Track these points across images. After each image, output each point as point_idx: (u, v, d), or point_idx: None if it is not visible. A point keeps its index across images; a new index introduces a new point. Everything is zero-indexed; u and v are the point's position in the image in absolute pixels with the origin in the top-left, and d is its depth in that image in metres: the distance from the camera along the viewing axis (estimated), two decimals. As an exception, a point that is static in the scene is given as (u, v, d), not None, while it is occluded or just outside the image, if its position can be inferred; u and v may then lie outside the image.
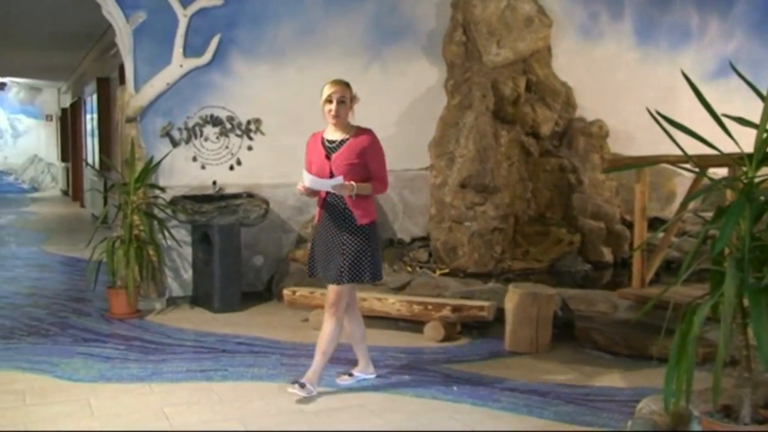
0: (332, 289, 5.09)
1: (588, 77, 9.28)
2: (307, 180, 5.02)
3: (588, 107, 9.19)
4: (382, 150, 5.18)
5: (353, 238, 5.04)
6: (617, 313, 6.41)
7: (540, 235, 8.69)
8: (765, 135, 3.67)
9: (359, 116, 8.41)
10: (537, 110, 8.81)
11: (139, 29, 7.79)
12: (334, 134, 5.12)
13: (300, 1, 8.37)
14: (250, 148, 8.25)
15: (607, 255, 8.70)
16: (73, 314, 7.55)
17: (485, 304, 6.45)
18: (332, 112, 5.02)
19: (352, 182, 4.96)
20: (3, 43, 15.14)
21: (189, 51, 7.94)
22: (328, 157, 5.05)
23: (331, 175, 4.98)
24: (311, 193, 5.12)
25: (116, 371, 5.67)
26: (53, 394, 5.18)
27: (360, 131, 5.13)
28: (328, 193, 5.06)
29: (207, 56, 8.00)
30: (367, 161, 5.06)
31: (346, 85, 5.08)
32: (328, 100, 5.01)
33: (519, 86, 8.69)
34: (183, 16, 7.87)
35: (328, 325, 5.10)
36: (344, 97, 5.03)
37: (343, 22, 8.56)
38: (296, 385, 5.01)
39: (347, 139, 5.07)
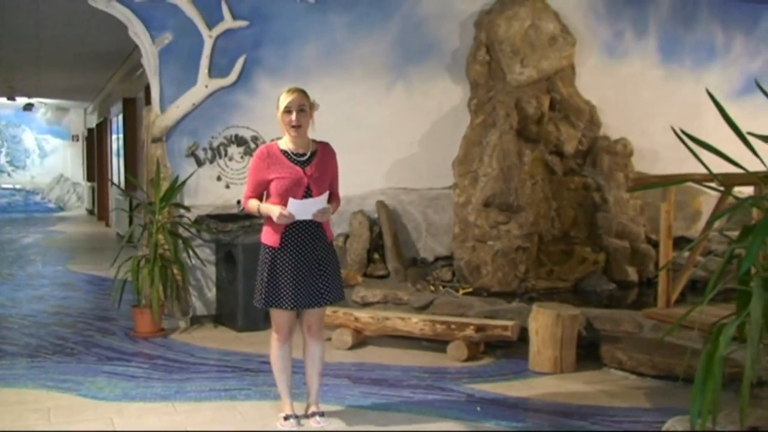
0: (317, 314, 4.86)
1: (612, 95, 9.25)
2: (295, 207, 4.58)
3: (612, 125, 9.16)
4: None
5: (330, 256, 4.82)
6: (642, 333, 6.36)
7: (564, 254, 8.65)
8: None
9: (382, 135, 8.54)
10: (561, 129, 8.79)
11: (165, 50, 7.87)
12: (298, 147, 4.73)
13: (325, 21, 8.43)
14: (274, 167, 8.26)
15: (632, 274, 8.65)
16: (97, 333, 7.59)
17: (509, 323, 6.42)
18: (293, 123, 4.64)
19: (329, 204, 4.75)
20: (32, 64, 15.34)
21: (214, 71, 8.00)
22: (303, 173, 4.68)
23: (307, 194, 4.66)
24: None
25: (140, 390, 5.69)
26: (78, 413, 5.20)
27: (322, 144, 4.83)
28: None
29: (232, 77, 8.06)
30: (332, 178, 4.83)
31: (304, 92, 4.72)
32: (287, 111, 4.65)
33: (543, 105, 8.68)
34: (209, 38, 7.94)
35: (317, 347, 4.90)
36: (303, 105, 4.66)
37: (367, 42, 8.60)
38: (316, 417, 4.92)
39: (315, 152, 4.76)
